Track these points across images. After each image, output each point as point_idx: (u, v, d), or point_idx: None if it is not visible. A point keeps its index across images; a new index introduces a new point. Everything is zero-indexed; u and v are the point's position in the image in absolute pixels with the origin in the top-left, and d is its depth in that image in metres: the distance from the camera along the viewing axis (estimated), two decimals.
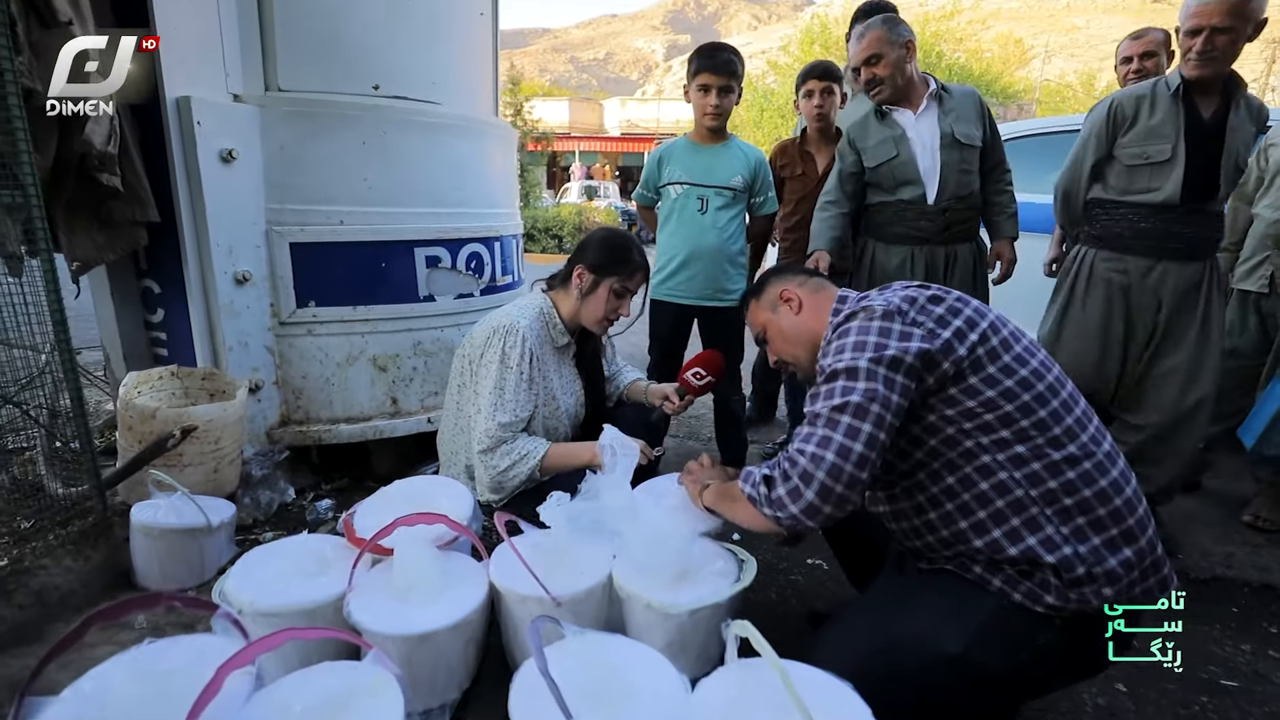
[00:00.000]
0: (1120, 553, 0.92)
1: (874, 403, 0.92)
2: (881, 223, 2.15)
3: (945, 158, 2.01)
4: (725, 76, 2.00)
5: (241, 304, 1.98)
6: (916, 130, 2.04)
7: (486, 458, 1.44)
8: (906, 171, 2.05)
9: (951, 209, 2.04)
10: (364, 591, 1.02)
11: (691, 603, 1.00)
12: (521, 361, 1.45)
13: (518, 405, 1.44)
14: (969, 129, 2.02)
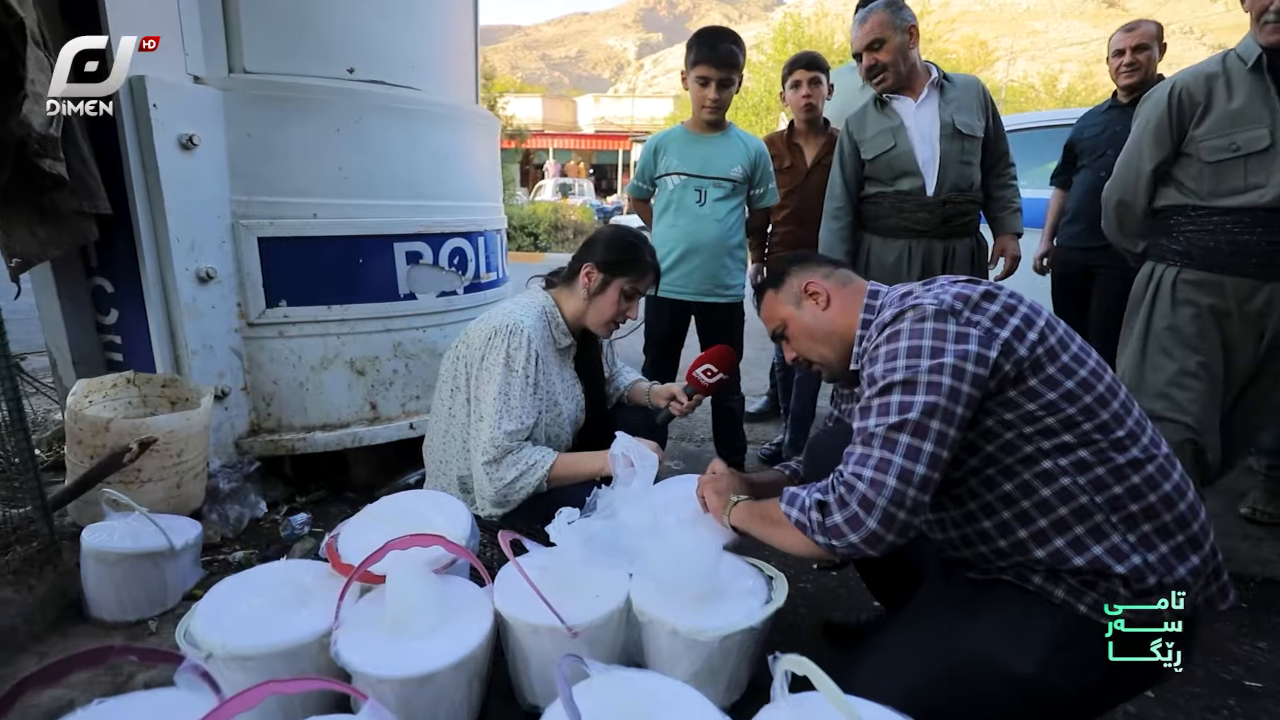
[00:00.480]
0: (1188, 561, 0.88)
1: (934, 418, 0.85)
2: (878, 215, 2.08)
3: (945, 148, 1.95)
4: (726, 69, 1.90)
5: (205, 304, 1.82)
6: (916, 119, 1.98)
7: (491, 470, 1.33)
8: (904, 163, 1.99)
9: (951, 201, 1.98)
10: (353, 627, 0.91)
11: (722, 628, 0.91)
12: (527, 365, 1.34)
13: (523, 412, 1.33)
14: (970, 119, 1.96)
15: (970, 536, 0.96)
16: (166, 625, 1.41)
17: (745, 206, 2.10)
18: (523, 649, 0.95)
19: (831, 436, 1.32)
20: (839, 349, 1.14)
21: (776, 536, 1.00)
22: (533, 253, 11.53)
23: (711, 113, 1.97)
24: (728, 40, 1.93)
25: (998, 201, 2.09)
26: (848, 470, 0.90)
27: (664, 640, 0.94)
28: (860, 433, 0.91)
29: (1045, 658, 0.85)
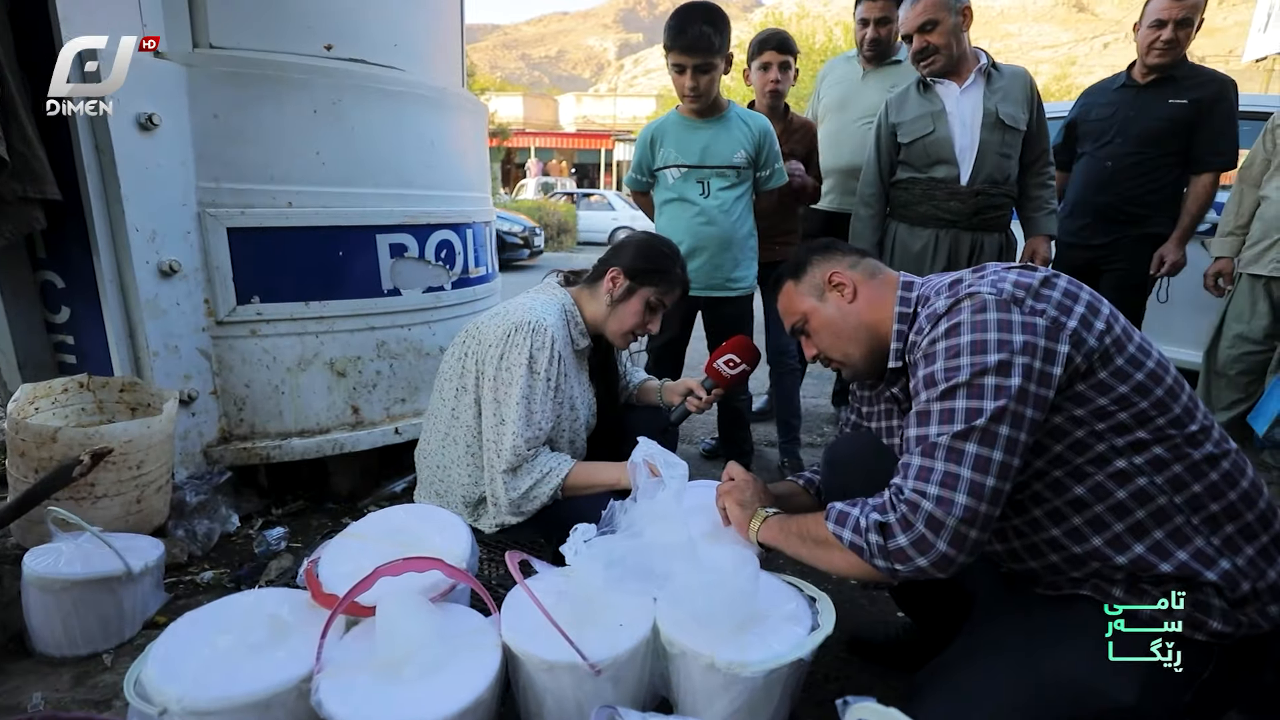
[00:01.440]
0: (1275, 562, 0.80)
1: (1003, 423, 0.76)
2: (908, 201, 2.02)
3: (985, 137, 1.89)
4: (700, 54, 1.74)
5: (168, 300, 1.66)
6: (958, 105, 1.91)
7: (509, 478, 1.21)
8: (941, 149, 1.92)
9: (984, 192, 1.91)
10: (338, 670, 0.78)
11: (767, 660, 0.80)
12: (550, 367, 1.22)
13: (543, 418, 1.22)
14: (1015, 110, 1.89)
15: (1038, 546, 0.86)
16: (124, 659, 1.25)
17: (753, 190, 1.98)
18: (535, 688, 0.83)
19: (852, 444, 1.22)
20: (867, 346, 1.04)
21: (822, 558, 0.89)
22: None
23: (692, 102, 1.84)
24: (698, 22, 1.73)
25: (1034, 201, 2.01)
26: (909, 486, 0.80)
27: (698, 675, 0.83)
28: (921, 442, 0.81)
29: (1143, 684, 0.76)
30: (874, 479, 1.14)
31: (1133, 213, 2.16)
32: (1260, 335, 2.08)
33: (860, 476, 1.18)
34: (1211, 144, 2.06)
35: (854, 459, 1.21)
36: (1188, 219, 2.13)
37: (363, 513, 2.00)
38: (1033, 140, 1.95)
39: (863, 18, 2.39)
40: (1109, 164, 2.18)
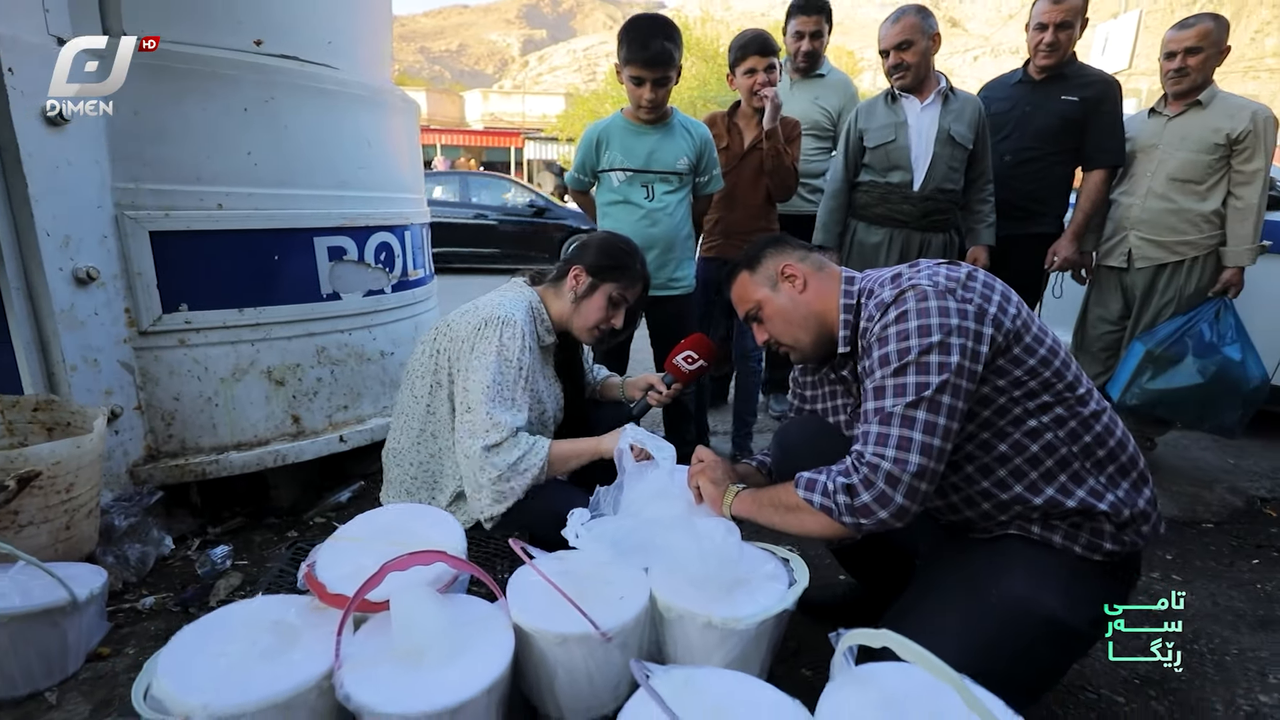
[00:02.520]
0: (1143, 493, 1.01)
1: (946, 393, 0.91)
2: (867, 203, 2.27)
3: (938, 151, 2.14)
4: (660, 69, 1.83)
5: (85, 310, 1.54)
6: (919, 120, 2.16)
7: (493, 454, 1.21)
8: (899, 156, 2.17)
9: (933, 198, 2.17)
10: (358, 663, 0.79)
11: (757, 614, 0.90)
12: (521, 355, 1.26)
13: (516, 403, 1.25)
14: (965, 131, 2.14)
15: (973, 497, 1.02)
16: (69, 696, 1.17)
17: (691, 195, 2.10)
18: (547, 663, 0.89)
19: (801, 428, 1.36)
20: (815, 332, 1.17)
21: (794, 522, 1.01)
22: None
23: (649, 112, 1.93)
24: (660, 37, 1.81)
25: (975, 214, 2.27)
26: (869, 451, 0.93)
27: (696, 634, 0.91)
28: (879, 413, 0.93)
29: (1065, 597, 0.93)
30: (823, 457, 1.28)
31: (1028, 209, 2.36)
32: (1115, 317, 2.42)
33: (810, 456, 1.32)
34: (1099, 142, 2.25)
35: (803, 441, 1.35)
36: (1080, 216, 2.32)
37: (308, 525, 1.93)
38: (977, 159, 2.21)
39: (797, 30, 2.58)
40: (1007, 158, 2.36)
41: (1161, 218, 2.22)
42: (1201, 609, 1.62)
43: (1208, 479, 2.40)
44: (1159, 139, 2.23)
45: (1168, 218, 2.21)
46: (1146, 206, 2.24)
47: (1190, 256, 2.20)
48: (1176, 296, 2.24)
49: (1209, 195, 2.16)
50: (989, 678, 0.87)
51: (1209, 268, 2.21)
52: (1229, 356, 2.11)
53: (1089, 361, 2.50)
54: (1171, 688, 1.32)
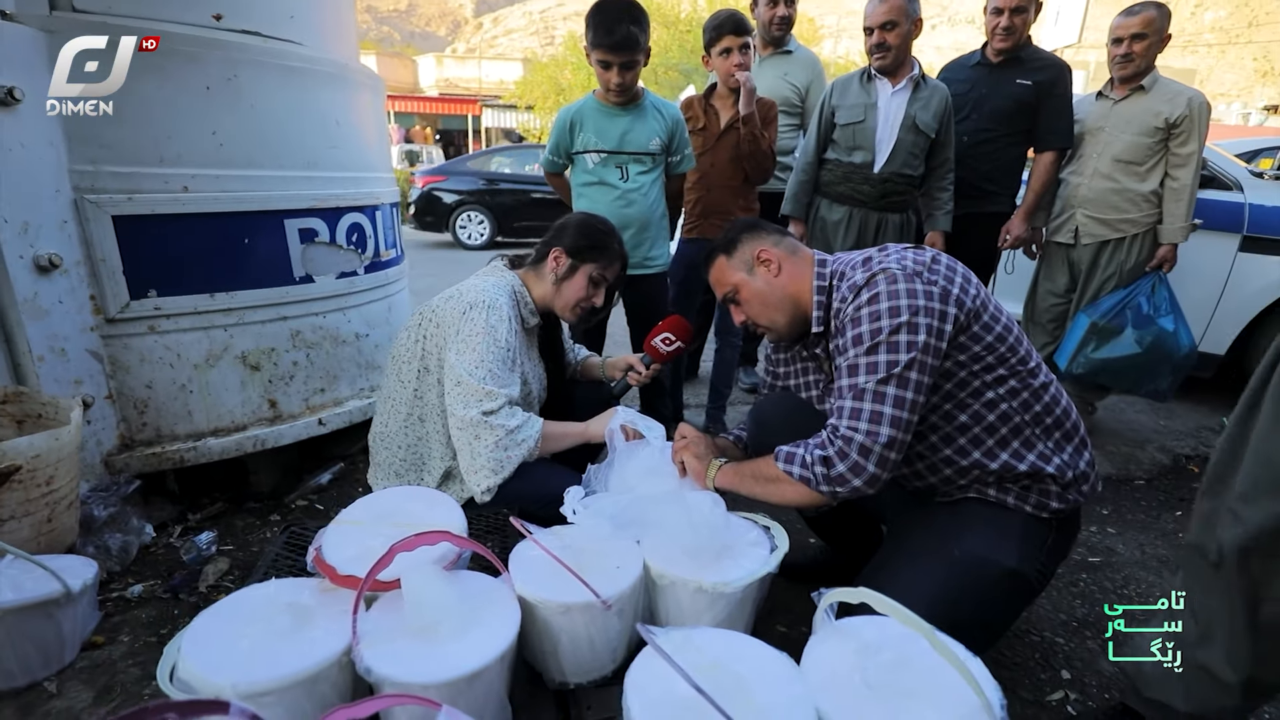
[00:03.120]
0: (1084, 456, 1.12)
1: (913, 369, 0.99)
2: (830, 180, 2.35)
3: (901, 136, 2.21)
4: (627, 53, 1.84)
5: (49, 298, 1.50)
6: (888, 104, 2.22)
7: (491, 419, 1.24)
8: (864, 137, 2.24)
9: (891, 181, 2.25)
10: (375, 639, 0.84)
11: (744, 577, 0.98)
12: (509, 337, 1.29)
13: (506, 380, 1.28)
14: (930, 120, 2.21)
15: (936, 464, 1.12)
16: (70, 684, 1.19)
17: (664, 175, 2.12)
18: (551, 631, 0.95)
19: (775, 404, 1.43)
20: (789, 314, 1.24)
21: (774, 492, 1.09)
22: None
23: (618, 95, 1.94)
24: (625, 21, 1.80)
25: (935, 200, 2.36)
26: (844, 425, 1.01)
27: (687, 598, 0.99)
28: (852, 389, 1.01)
29: (1019, 549, 1.05)
30: (797, 431, 1.36)
31: (983, 189, 2.44)
32: (1061, 290, 2.58)
33: (785, 431, 1.40)
34: (1050, 125, 2.35)
35: (778, 416, 1.43)
36: (1032, 195, 2.42)
37: (290, 508, 1.94)
38: (939, 147, 2.28)
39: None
40: (965, 139, 2.44)
41: (1106, 197, 2.35)
42: (1131, 557, 1.79)
43: (1140, 439, 2.62)
44: (1106, 121, 2.36)
45: (1111, 197, 2.35)
46: (1093, 186, 2.37)
47: (1131, 234, 2.35)
48: (1118, 271, 2.39)
49: (1148, 176, 2.30)
50: (954, 626, 0.98)
51: (1147, 244, 2.36)
52: (1163, 327, 2.29)
53: (1038, 332, 2.66)
54: (1103, 627, 1.48)
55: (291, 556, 1.23)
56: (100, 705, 1.14)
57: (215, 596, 1.49)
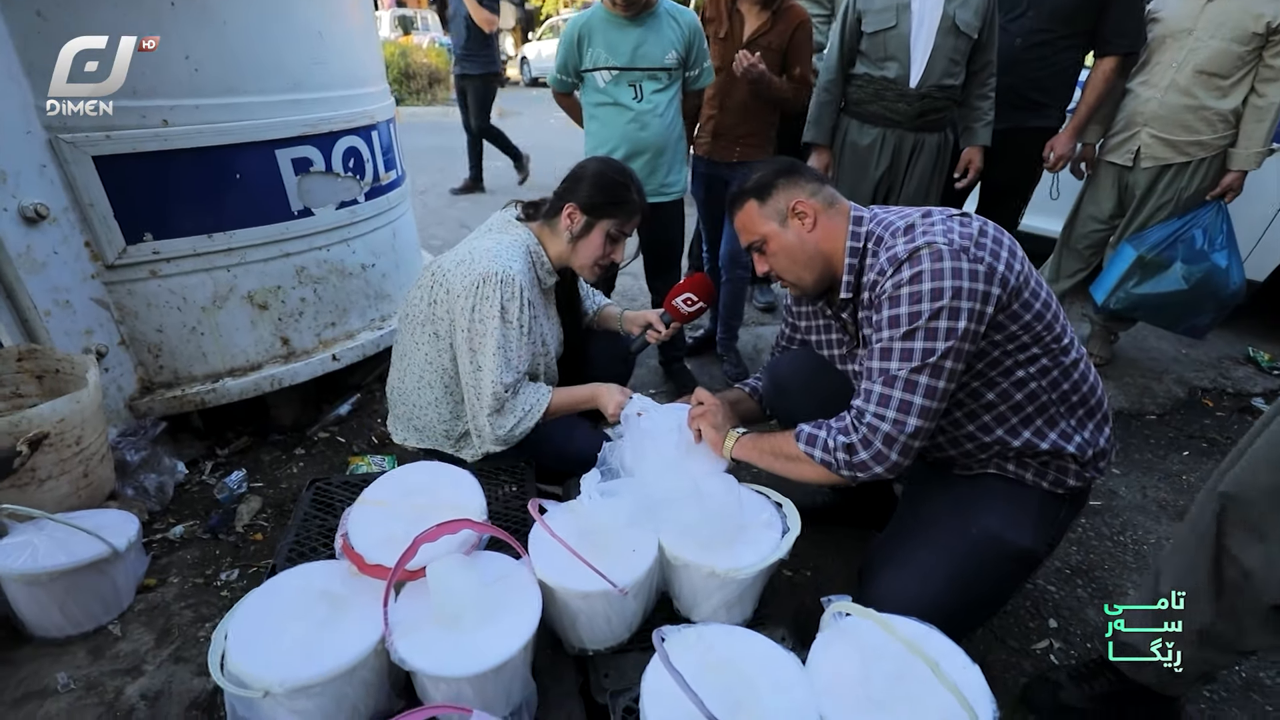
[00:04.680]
0: (1104, 432, 1.12)
1: (949, 358, 0.96)
2: (860, 99, 2.11)
3: (939, 41, 1.94)
4: None
5: (43, 250, 1.45)
6: (921, 4, 1.93)
7: (494, 419, 1.29)
8: (897, 45, 1.97)
9: (929, 96, 2.01)
10: (406, 630, 0.89)
11: (755, 563, 1.02)
12: (522, 315, 1.25)
13: (520, 361, 1.28)
14: (971, 18, 1.92)
15: (958, 438, 1.12)
16: (131, 627, 1.30)
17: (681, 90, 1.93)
18: (570, 610, 1.01)
19: (792, 363, 1.41)
20: (819, 272, 1.17)
21: (793, 470, 1.10)
22: None
23: (625, 10, 1.74)
24: None
25: (974, 111, 2.09)
26: (870, 410, 0.99)
27: (700, 580, 1.03)
28: (883, 374, 0.99)
29: (1035, 530, 1.07)
30: (815, 396, 1.35)
31: (1032, 99, 2.20)
32: (1106, 216, 2.39)
33: (803, 395, 1.39)
34: (1119, 23, 2.06)
35: (795, 378, 1.41)
36: (1084, 108, 2.19)
37: (313, 441, 2.00)
38: (981, 49, 2.00)
39: None
40: (1018, 40, 2.17)
41: (1178, 115, 2.11)
42: (1132, 501, 1.84)
43: (1159, 370, 2.58)
44: (1194, 23, 2.04)
45: (1185, 115, 2.10)
46: (1165, 102, 2.12)
47: (1198, 158, 2.14)
48: (1175, 199, 2.21)
49: (1231, 92, 2.05)
50: (967, 603, 1.05)
51: (1212, 170, 2.16)
52: (1216, 264, 2.14)
53: (1072, 258, 2.54)
54: (1096, 576, 1.55)
55: (319, 516, 1.28)
56: (162, 647, 1.26)
57: (252, 535, 1.59)
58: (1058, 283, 2.60)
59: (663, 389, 2.33)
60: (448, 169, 5.82)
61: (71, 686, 1.15)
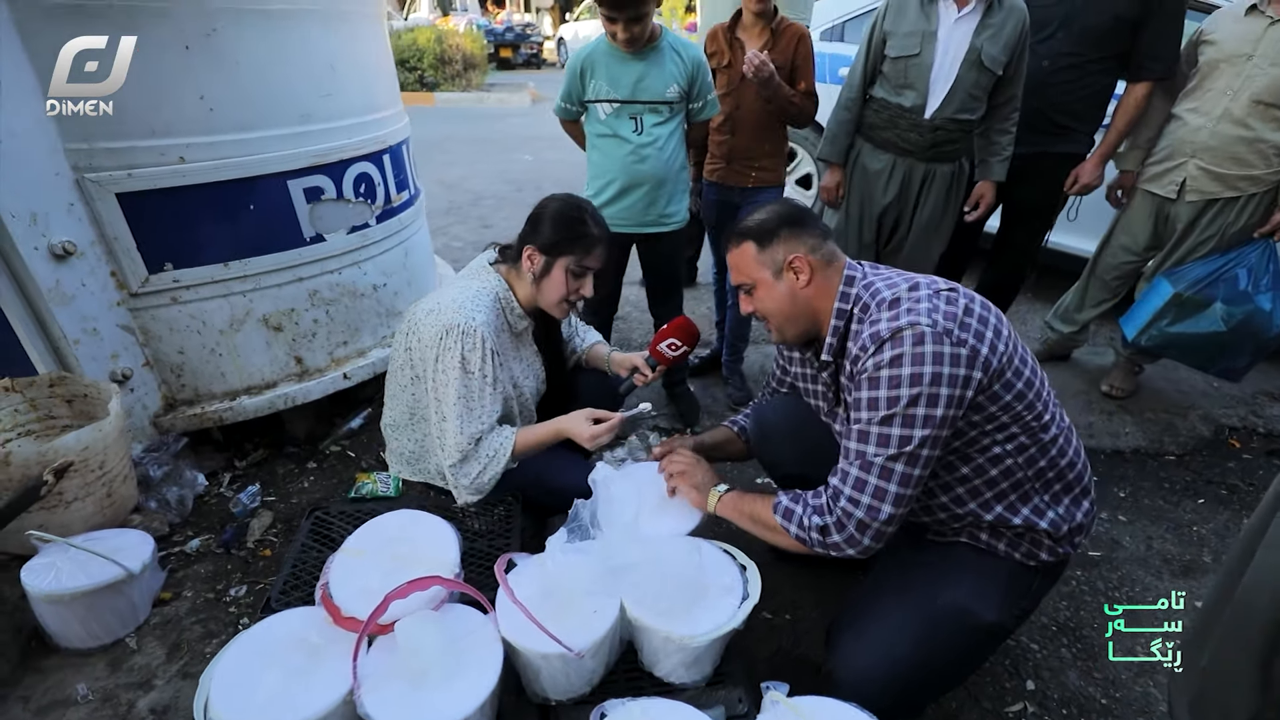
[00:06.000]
0: (1082, 506, 1.12)
1: (926, 445, 0.96)
2: (875, 124, 2.07)
3: (962, 74, 1.88)
4: (631, 8, 1.65)
5: (72, 284, 1.55)
6: (950, 34, 1.87)
7: (458, 469, 1.33)
8: (917, 76, 1.92)
9: (943, 128, 1.96)
10: (374, 684, 0.96)
11: (711, 631, 1.04)
12: (484, 365, 1.28)
13: (484, 412, 1.32)
14: (998, 53, 1.85)
15: (930, 507, 1.13)
16: (146, 640, 1.41)
17: (685, 123, 1.93)
18: (532, 666, 1.05)
19: (776, 410, 1.43)
20: (804, 328, 1.17)
21: (770, 537, 1.12)
22: (420, 93, 10.05)
23: (626, 47, 1.75)
24: None
25: (992, 145, 2.03)
26: (845, 492, 1.01)
27: (658, 641, 1.07)
28: (859, 456, 1.00)
29: (1002, 604, 1.08)
30: (799, 445, 1.36)
31: (1059, 123, 2.12)
32: (1140, 248, 2.27)
33: (786, 445, 1.40)
34: (1153, 47, 1.97)
35: (781, 426, 1.42)
36: (1114, 134, 2.12)
37: (324, 455, 2.10)
38: (1007, 84, 1.93)
39: None
40: (1045, 63, 2.07)
41: (1231, 147, 1.99)
42: (1134, 553, 1.79)
43: (1184, 404, 2.48)
44: (1254, 47, 1.91)
45: (1238, 147, 1.98)
46: (1217, 132, 1.99)
47: (1248, 193, 2.02)
48: (1219, 235, 2.09)
49: None
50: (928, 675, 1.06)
51: (1262, 206, 2.03)
52: (1259, 306, 2.02)
53: (1098, 288, 2.44)
54: (1083, 635, 1.53)
55: (316, 547, 1.36)
56: (171, 662, 1.36)
57: (261, 551, 1.69)
58: (1082, 311, 2.51)
59: (664, 411, 2.36)
60: (478, 161, 5.87)
61: (90, 698, 1.27)
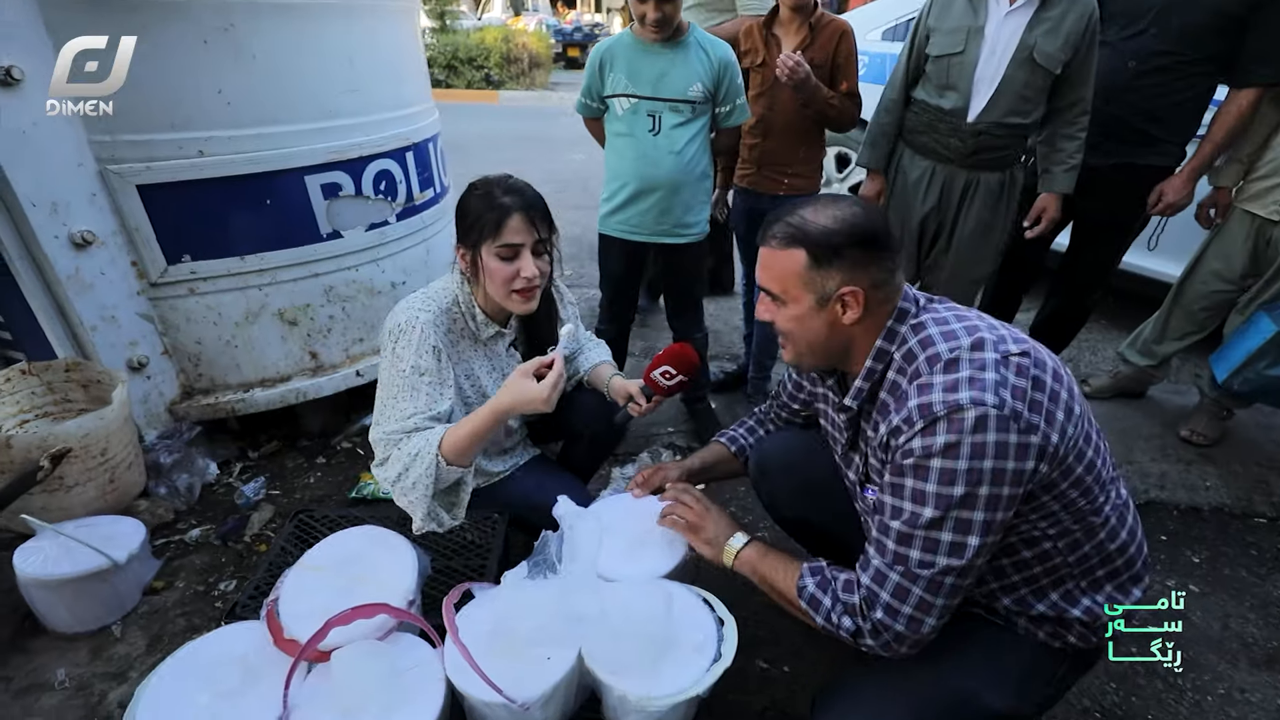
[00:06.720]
0: (1131, 594, 0.95)
1: (980, 555, 0.84)
2: (915, 127, 1.91)
3: (1010, 73, 1.69)
4: None
5: (91, 272, 1.58)
6: (998, 29, 1.69)
7: (379, 471, 1.24)
8: (960, 75, 1.75)
9: (987, 133, 1.76)
10: (304, 715, 0.90)
11: (672, 694, 0.93)
12: (418, 360, 1.20)
13: (409, 407, 1.20)
14: (1055, 50, 1.65)
15: None
16: (130, 630, 1.42)
17: (710, 128, 1.80)
18: (477, 711, 0.98)
19: (779, 446, 1.31)
20: (827, 362, 1.03)
21: (793, 612, 0.99)
22: (485, 90, 10.26)
23: (655, 31, 1.63)
24: None
25: (1057, 152, 1.81)
26: (883, 598, 0.87)
27: (615, 699, 0.97)
28: (901, 562, 0.86)
29: (1017, 690, 0.93)
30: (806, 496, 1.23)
31: (1146, 132, 1.87)
32: (1236, 276, 2.00)
33: (788, 485, 1.27)
34: (1263, 48, 1.70)
35: (782, 463, 1.29)
36: (1210, 147, 1.85)
37: (335, 450, 2.10)
38: (1069, 85, 1.72)
39: None
40: (1132, 64, 1.83)
41: None
42: (1207, 631, 1.54)
43: None
44: None
45: None
46: None
47: None
48: None
49: None
50: None
51: None
52: None
53: (1183, 319, 2.15)
54: None
55: (296, 552, 1.32)
56: (150, 655, 1.37)
57: (257, 546, 1.69)
58: (1162, 344, 2.22)
59: (683, 428, 2.24)
60: (528, 159, 5.90)
61: (66, 685, 1.28)
